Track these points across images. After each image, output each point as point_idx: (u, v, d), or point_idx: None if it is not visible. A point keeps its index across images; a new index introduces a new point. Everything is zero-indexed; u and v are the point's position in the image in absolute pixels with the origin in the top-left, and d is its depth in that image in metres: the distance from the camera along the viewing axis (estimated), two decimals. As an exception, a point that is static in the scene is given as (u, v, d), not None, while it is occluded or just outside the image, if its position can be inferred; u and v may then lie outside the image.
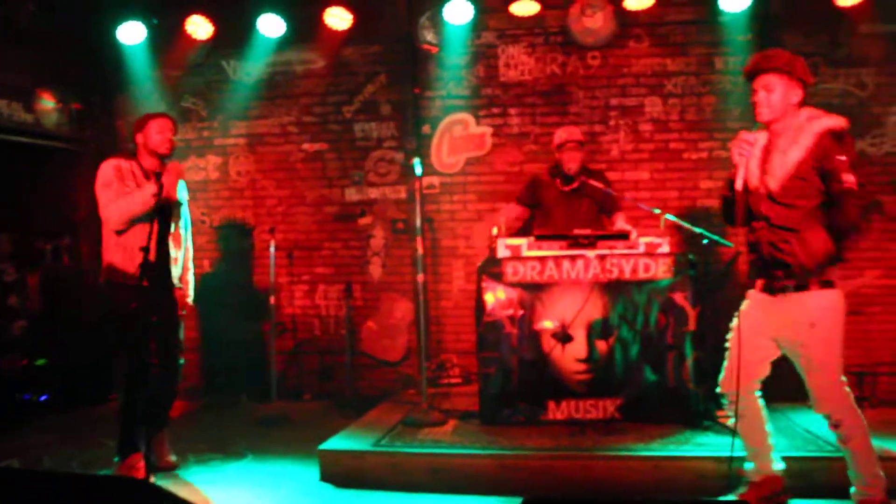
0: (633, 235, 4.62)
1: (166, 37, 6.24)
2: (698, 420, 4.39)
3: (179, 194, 4.32)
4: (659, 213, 4.61)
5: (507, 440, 4.20)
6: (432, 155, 6.32)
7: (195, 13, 6.07)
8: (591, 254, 4.54)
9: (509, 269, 4.59)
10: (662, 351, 4.50)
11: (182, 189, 4.38)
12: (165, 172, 4.07)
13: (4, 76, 5.81)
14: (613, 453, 3.96)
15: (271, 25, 6.05)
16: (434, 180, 6.30)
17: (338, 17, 6.04)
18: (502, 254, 4.63)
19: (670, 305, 4.49)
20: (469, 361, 6.08)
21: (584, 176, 5.03)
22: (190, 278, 4.45)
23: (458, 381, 6.01)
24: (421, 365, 4.94)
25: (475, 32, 6.17)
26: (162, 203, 3.91)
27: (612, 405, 4.51)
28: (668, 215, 4.51)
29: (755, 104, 3.28)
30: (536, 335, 4.58)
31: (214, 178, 6.60)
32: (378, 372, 6.42)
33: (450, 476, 3.94)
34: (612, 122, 6.11)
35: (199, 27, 6.14)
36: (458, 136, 6.33)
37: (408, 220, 6.32)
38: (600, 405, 4.52)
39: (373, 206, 6.45)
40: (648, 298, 4.51)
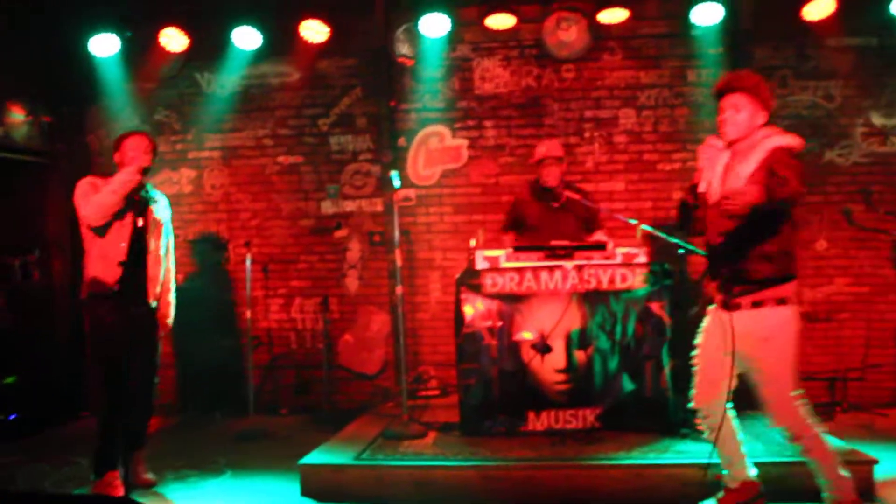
0: (610, 246, 4.66)
1: (140, 49, 6.19)
2: (676, 428, 4.42)
3: (161, 214, 4.28)
4: (635, 223, 4.66)
5: (490, 451, 4.20)
6: (408, 167, 6.33)
7: (169, 25, 6.02)
8: (568, 265, 4.58)
9: (488, 281, 4.61)
10: (640, 360, 4.54)
11: (165, 209, 4.35)
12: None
13: (-28, 89, 5.73)
14: (596, 462, 3.98)
15: (246, 38, 6.03)
16: (410, 193, 6.30)
17: (314, 30, 6.04)
18: (481, 265, 4.64)
19: (647, 315, 4.53)
20: (446, 373, 6.08)
21: (564, 189, 5.06)
22: (171, 299, 4.37)
23: (436, 392, 6.00)
24: (401, 377, 4.92)
25: (451, 45, 6.21)
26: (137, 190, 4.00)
27: (591, 415, 4.54)
28: (644, 226, 4.56)
29: (721, 122, 3.36)
30: (516, 346, 4.59)
31: (188, 191, 6.53)
32: (355, 385, 6.39)
33: (433, 488, 3.94)
34: (587, 134, 6.18)
35: (172, 39, 6.10)
36: (434, 149, 6.35)
37: (384, 232, 6.31)
38: (580, 415, 4.54)
39: (349, 218, 6.44)
40: (626, 308, 4.55)
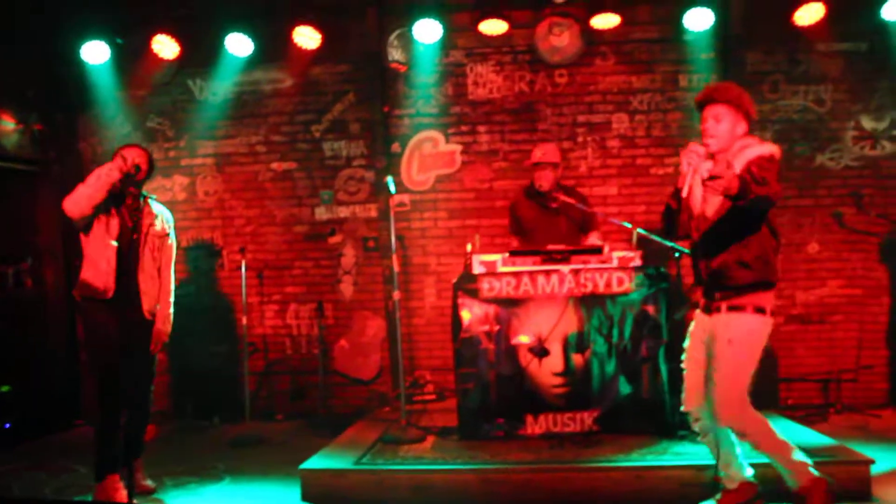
0: (606, 250, 4.69)
1: (131, 56, 6.17)
2: (674, 430, 4.45)
3: (161, 228, 4.28)
4: (631, 227, 4.68)
5: (488, 455, 4.21)
6: (402, 173, 6.34)
7: (161, 32, 6.00)
8: (565, 269, 4.60)
9: (485, 285, 4.62)
10: (637, 363, 4.56)
11: (167, 223, 4.34)
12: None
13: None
14: (595, 465, 4.00)
15: (239, 45, 6.02)
16: (404, 198, 6.31)
17: (306, 37, 6.04)
18: (477, 270, 4.66)
19: (644, 318, 4.56)
20: (442, 378, 6.09)
21: (561, 193, 5.10)
22: (169, 313, 4.29)
23: (432, 397, 6.00)
24: (399, 382, 4.93)
25: (444, 51, 6.22)
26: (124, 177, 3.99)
27: (589, 418, 4.56)
28: (640, 229, 4.59)
29: (703, 132, 3.41)
30: (513, 350, 4.61)
31: (181, 198, 6.51)
32: (351, 390, 6.38)
33: (433, 492, 3.94)
34: (580, 139, 6.21)
35: (165, 46, 6.07)
36: (428, 154, 6.36)
37: (378, 238, 6.32)
38: (578, 418, 4.56)
39: (343, 224, 6.44)
40: (622, 311, 4.57)
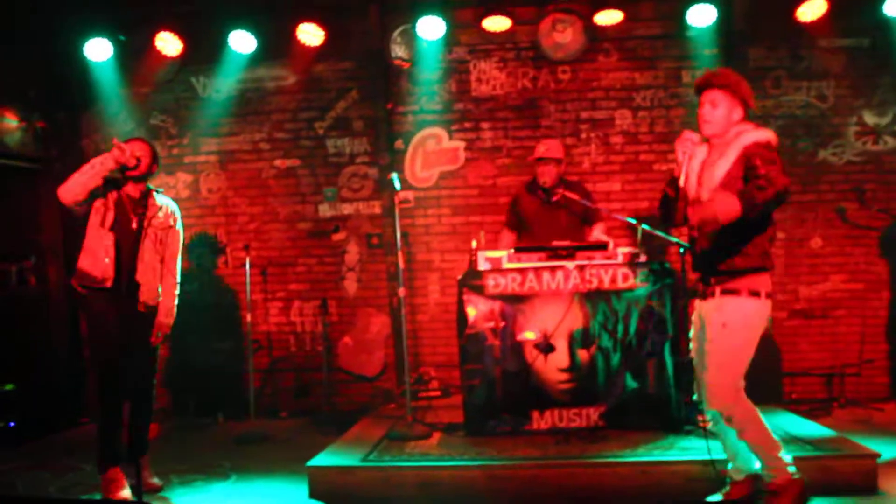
0: (611, 246, 4.70)
1: (134, 53, 6.17)
2: (680, 425, 4.46)
3: (165, 221, 4.27)
4: (636, 223, 4.69)
5: (495, 451, 4.22)
6: (406, 169, 6.34)
7: (164, 30, 6.00)
8: (570, 265, 4.61)
9: (490, 282, 4.63)
10: (643, 358, 4.57)
11: (172, 216, 4.33)
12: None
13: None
14: (601, 460, 4.01)
15: (242, 42, 6.02)
16: (408, 195, 6.30)
17: (309, 34, 6.04)
18: (483, 266, 4.67)
19: (649, 313, 4.57)
20: (447, 374, 6.11)
21: (564, 188, 5.10)
22: (171, 305, 4.29)
23: (437, 393, 6.00)
24: (405, 378, 4.93)
25: (447, 48, 6.22)
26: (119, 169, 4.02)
27: (595, 413, 4.57)
28: (644, 225, 4.59)
29: (699, 117, 3.45)
30: (519, 346, 4.62)
31: (185, 196, 6.50)
32: (355, 387, 6.39)
33: (440, 489, 3.95)
34: (584, 135, 6.21)
35: (168, 44, 6.07)
36: (432, 151, 6.36)
37: (382, 234, 6.32)
38: (584, 413, 4.57)
39: (346, 221, 6.44)
40: (628, 307, 4.58)
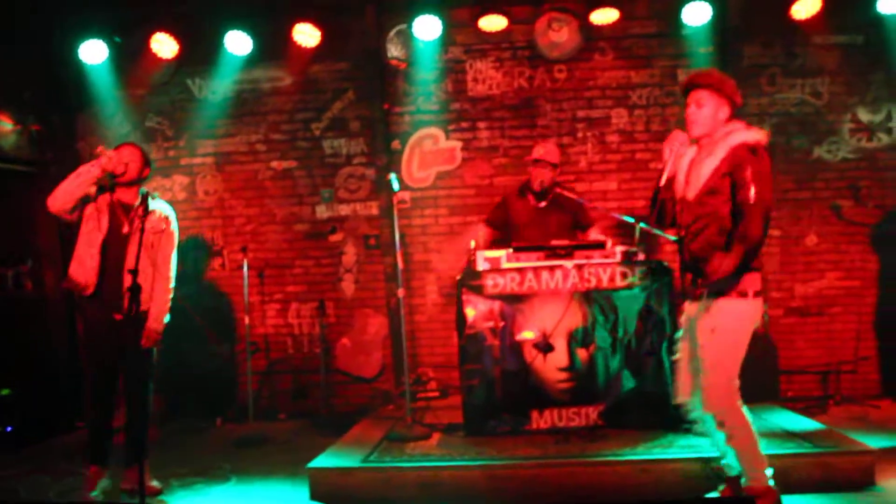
0: (609, 245, 4.71)
1: (130, 55, 6.15)
2: (679, 423, 4.42)
3: (157, 225, 4.23)
4: (633, 221, 4.70)
5: (495, 451, 4.22)
6: (403, 170, 6.34)
7: (160, 31, 5.99)
8: (568, 264, 4.61)
9: (489, 282, 4.63)
10: (641, 357, 4.58)
11: (166, 220, 4.29)
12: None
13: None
14: (601, 459, 4.02)
15: (238, 43, 6.01)
16: (405, 195, 6.29)
17: (305, 35, 6.03)
18: (482, 266, 4.67)
19: (648, 312, 4.58)
20: (445, 375, 6.11)
21: (555, 188, 5.11)
22: (163, 309, 4.21)
23: (435, 394, 6.01)
24: (403, 379, 4.93)
25: (443, 48, 6.22)
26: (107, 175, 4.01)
27: (594, 412, 4.58)
28: (642, 223, 4.60)
29: (687, 118, 3.46)
30: (518, 346, 4.62)
31: (181, 198, 6.49)
32: (353, 389, 6.39)
33: (441, 489, 3.95)
34: (580, 134, 6.22)
35: (163, 45, 6.06)
36: (428, 151, 6.36)
37: (379, 235, 6.32)
38: (583, 413, 4.58)
39: (344, 222, 6.44)
40: (626, 306, 4.59)
